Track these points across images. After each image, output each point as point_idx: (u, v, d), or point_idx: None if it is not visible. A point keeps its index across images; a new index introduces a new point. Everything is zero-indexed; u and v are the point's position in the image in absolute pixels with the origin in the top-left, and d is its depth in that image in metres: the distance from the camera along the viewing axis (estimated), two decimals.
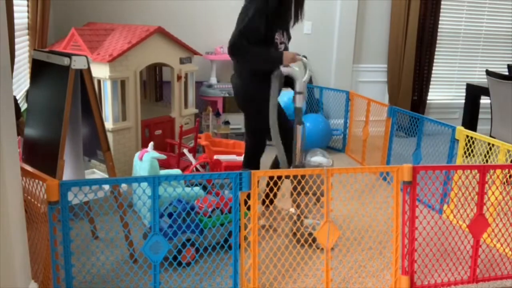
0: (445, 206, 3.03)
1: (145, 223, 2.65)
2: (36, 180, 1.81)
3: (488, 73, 3.67)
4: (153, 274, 1.89)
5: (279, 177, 2.44)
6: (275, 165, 2.78)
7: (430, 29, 5.09)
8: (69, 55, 2.07)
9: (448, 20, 5.28)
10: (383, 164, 3.68)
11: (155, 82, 4.19)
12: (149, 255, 1.87)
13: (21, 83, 3.26)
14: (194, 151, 3.44)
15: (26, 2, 3.26)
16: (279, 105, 2.59)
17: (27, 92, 3.13)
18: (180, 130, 3.36)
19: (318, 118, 4.30)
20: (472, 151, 2.89)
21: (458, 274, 2.29)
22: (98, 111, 2.19)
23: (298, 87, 2.53)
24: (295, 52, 2.57)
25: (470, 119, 4.25)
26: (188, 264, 2.31)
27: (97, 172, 2.59)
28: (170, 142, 3.61)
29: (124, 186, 2.22)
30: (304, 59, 2.57)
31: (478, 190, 2.20)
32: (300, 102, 2.56)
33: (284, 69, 2.48)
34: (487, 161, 2.98)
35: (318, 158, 2.62)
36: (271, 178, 2.28)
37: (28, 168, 1.89)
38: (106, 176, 2.38)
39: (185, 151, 3.41)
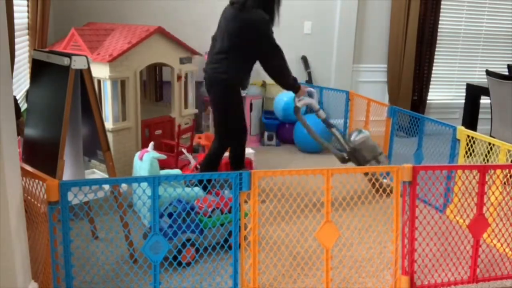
0: (448, 207, 3.03)
1: (145, 223, 2.65)
2: (36, 180, 1.81)
3: (488, 73, 3.67)
4: (153, 274, 1.89)
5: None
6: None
7: (430, 29, 5.09)
8: (69, 55, 2.07)
9: (448, 20, 5.28)
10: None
11: (155, 82, 4.19)
12: (149, 255, 1.87)
13: (21, 83, 3.26)
14: (190, 150, 3.44)
15: (26, 2, 3.26)
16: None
17: (27, 92, 3.13)
18: (178, 129, 3.36)
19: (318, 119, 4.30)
20: (473, 151, 2.89)
21: (458, 274, 2.29)
22: (98, 111, 2.19)
23: (316, 106, 3.21)
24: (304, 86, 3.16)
25: (470, 119, 4.25)
26: (188, 264, 2.31)
27: (97, 172, 2.59)
28: (166, 143, 3.59)
29: (124, 186, 2.22)
30: (311, 89, 3.26)
31: (478, 190, 2.20)
32: (323, 115, 3.26)
33: (300, 104, 3.10)
34: (487, 161, 2.97)
35: (359, 136, 3.24)
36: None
37: (28, 168, 1.89)
38: (106, 176, 2.38)
39: (184, 150, 3.41)
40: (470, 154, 2.89)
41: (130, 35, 3.38)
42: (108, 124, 3.17)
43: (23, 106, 3.14)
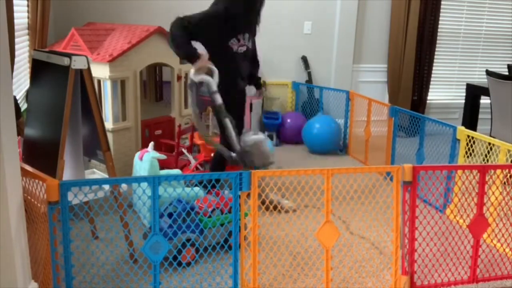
0: (448, 207, 3.03)
1: (145, 223, 2.65)
2: (36, 180, 1.81)
3: (488, 73, 3.67)
4: (153, 274, 1.89)
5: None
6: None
7: (430, 29, 5.08)
8: (69, 55, 2.07)
9: (448, 20, 5.28)
10: (388, 164, 3.68)
11: (155, 82, 4.19)
12: (149, 255, 1.87)
13: (21, 83, 3.26)
14: (190, 150, 3.44)
15: (26, 2, 3.26)
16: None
17: (27, 92, 3.12)
18: (178, 129, 3.36)
19: (329, 120, 4.31)
20: (473, 151, 2.89)
21: (458, 274, 2.29)
22: (98, 111, 2.19)
23: (213, 87, 2.70)
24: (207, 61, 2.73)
25: (470, 119, 4.24)
26: (188, 264, 2.31)
27: (97, 172, 2.59)
28: (165, 143, 3.58)
29: (124, 186, 2.21)
30: (212, 67, 2.73)
31: (478, 190, 2.20)
32: (219, 100, 2.71)
33: (195, 78, 2.68)
34: (487, 161, 2.97)
35: (253, 136, 2.82)
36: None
37: (28, 168, 1.89)
38: (106, 176, 2.38)
39: (184, 150, 3.41)
40: (470, 154, 2.89)
41: (130, 35, 3.38)
42: (108, 124, 3.17)
43: (23, 106, 3.14)
